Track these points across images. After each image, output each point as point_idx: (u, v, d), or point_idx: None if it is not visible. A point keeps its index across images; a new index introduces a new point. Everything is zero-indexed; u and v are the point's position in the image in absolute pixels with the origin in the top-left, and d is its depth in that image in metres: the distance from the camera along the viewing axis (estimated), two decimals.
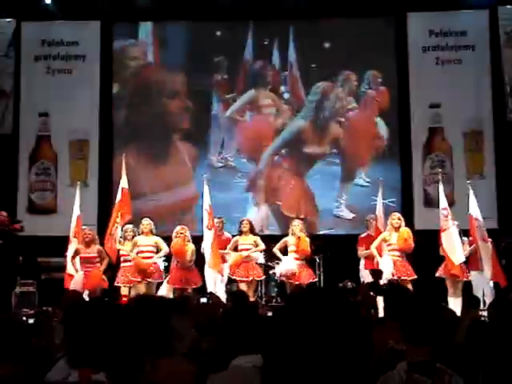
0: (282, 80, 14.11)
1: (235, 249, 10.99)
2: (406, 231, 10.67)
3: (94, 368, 2.67)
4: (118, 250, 11.00)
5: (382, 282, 10.57)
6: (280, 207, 13.66)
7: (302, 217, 12.72)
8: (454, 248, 10.54)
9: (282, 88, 14.11)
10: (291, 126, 13.96)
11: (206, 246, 10.77)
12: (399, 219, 10.75)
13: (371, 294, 8.09)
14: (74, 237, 11.04)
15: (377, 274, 10.06)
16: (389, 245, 10.69)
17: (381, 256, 10.69)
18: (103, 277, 10.75)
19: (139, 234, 10.90)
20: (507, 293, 9.85)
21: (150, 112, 13.86)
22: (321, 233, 13.19)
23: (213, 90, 14.06)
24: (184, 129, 13.89)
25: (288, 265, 10.69)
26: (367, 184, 13.69)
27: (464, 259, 10.56)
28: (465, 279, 10.60)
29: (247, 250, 10.89)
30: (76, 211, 11.29)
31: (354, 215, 13.54)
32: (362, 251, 11.46)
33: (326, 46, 14.00)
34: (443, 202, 10.96)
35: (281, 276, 10.81)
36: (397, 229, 10.66)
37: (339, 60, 13.94)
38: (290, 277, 10.62)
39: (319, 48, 13.96)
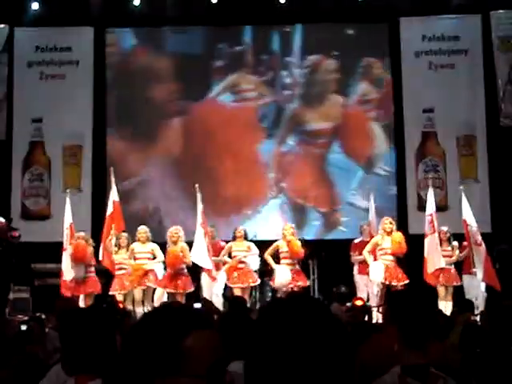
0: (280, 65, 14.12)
1: (229, 255, 11.10)
2: (398, 235, 10.70)
3: (91, 374, 2.66)
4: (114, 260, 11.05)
5: (374, 287, 10.62)
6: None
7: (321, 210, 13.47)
8: (430, 255, 10.61)
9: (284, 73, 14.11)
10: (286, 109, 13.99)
11: (199, 250, 10.76)
12: (391, 223, 10.78)
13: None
14: (70, 244, 11.02)
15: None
16: (381, 249, 10.71)
17: (375, 260, 10.72)
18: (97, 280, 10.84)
19: (134, 241, 10.95)
20: (501, 298, 9.87)
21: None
22: (313, 238, 13.15)
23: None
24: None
25: (283, 277, 10.76)
26: (385, 173, 13.73)
27: (440, 266, 10.58)
28: (439, 285, 10.64)
29: (242, 256, 10.95)
30: (68, 219, 11.25)
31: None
32: (355, 257, 11.48)
33: (318, 52, 14.01)
34: (430, 208, 10.99)
35: (278, 289, 10.90)
36: (389, 233, 10.69)
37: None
38: (286, 286, 10.73)
39: (308, 53, 14.02)
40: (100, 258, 10.96)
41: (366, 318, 7.97)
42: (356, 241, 11.68)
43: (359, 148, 13.91)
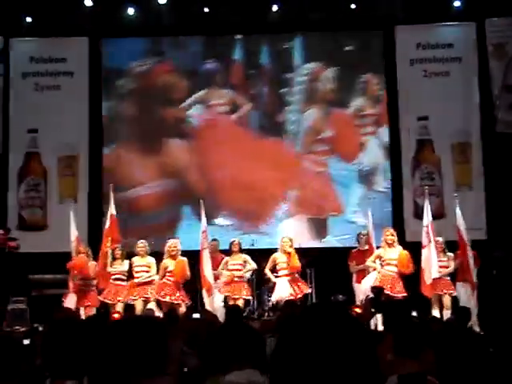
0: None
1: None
2: (404, 254, 10.57)
3: (67, 378, 2.69)
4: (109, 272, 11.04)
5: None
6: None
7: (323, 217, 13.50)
8: (426, 266, 10.54)
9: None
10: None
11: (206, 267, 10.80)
12: (392, 235, 10.71)
13: (372, 310, 8.12)
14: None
15: (378, 291, 9.96)
16: (384, 260, 10.65)
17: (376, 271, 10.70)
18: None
19: (133, 255, 10.99)
20: (493, 305, 9.90)
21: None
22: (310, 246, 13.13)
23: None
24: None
25: (282, 292, 10.70)
26: (385, 190, 13.78)
27: (436, 276, 10.51)
28: (434, 296, 10.62)
29: (238, 270, 10.96)
30: (73, 232, 11.21)
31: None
32: (353, 266, 11.48)
33: (315, 60, 14.08)
34: (426, 219, 10.92)
35: (277, 302, 10.84)
36: (390, 245, 10.61)
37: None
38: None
39: (305, 62, 14.07)
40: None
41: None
42: (353, 250, 11.69)
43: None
